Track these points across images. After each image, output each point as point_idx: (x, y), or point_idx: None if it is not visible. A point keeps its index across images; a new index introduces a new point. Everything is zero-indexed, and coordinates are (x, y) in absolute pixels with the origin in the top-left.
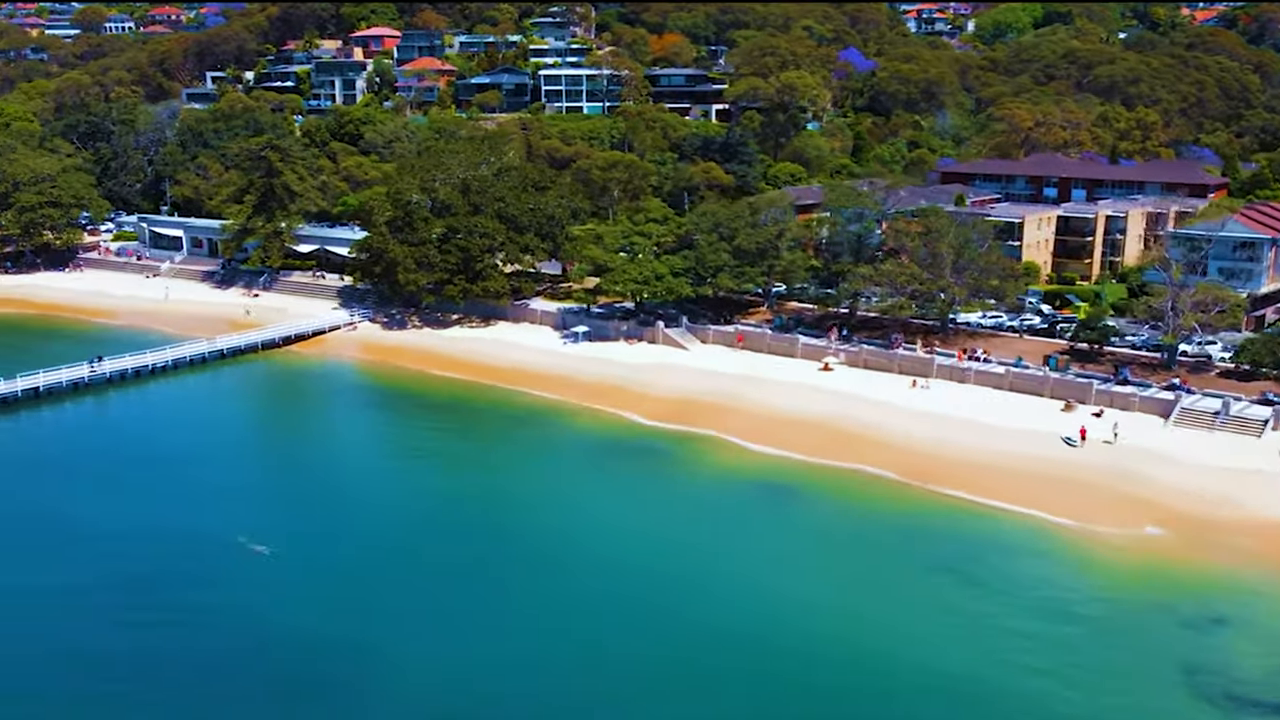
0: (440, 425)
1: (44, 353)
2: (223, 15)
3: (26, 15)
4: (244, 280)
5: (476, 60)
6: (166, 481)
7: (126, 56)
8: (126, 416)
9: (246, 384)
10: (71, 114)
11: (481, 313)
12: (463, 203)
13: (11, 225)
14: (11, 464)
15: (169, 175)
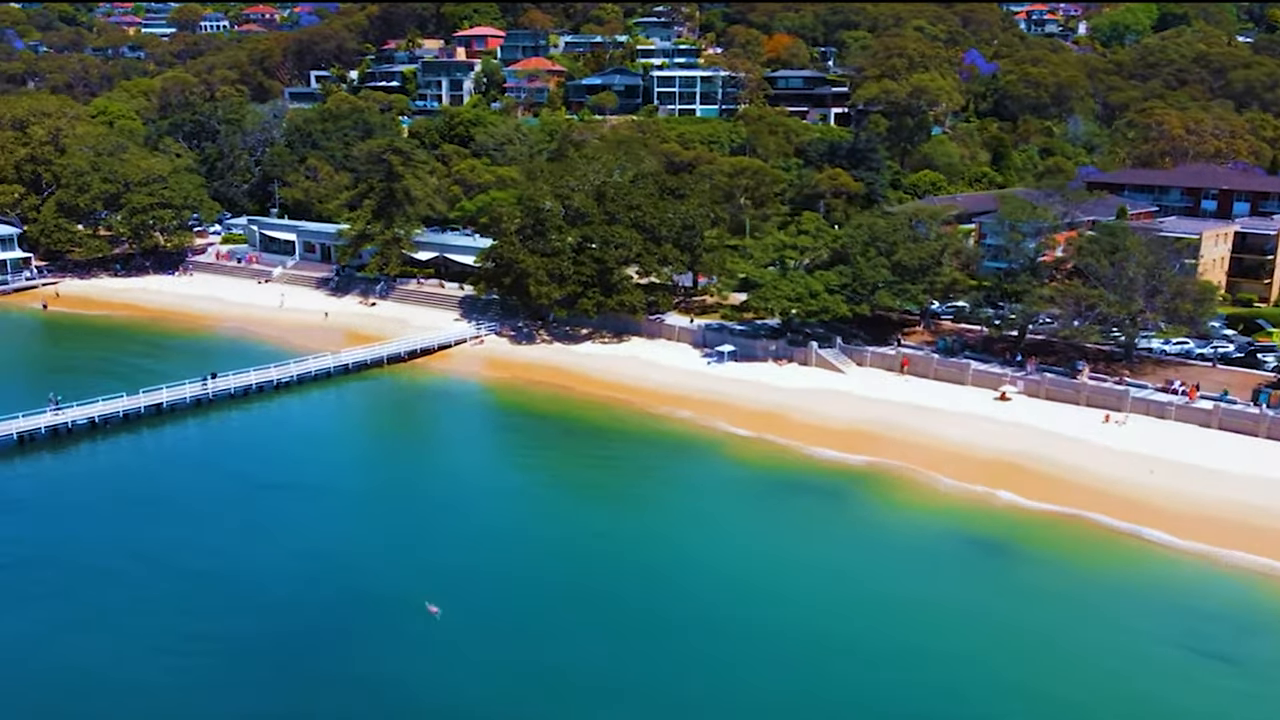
0: (589, 454)
1: (159, 362)
2: (316, 15)
3: (124, 14)
4: (360, 287)
5: (583, 61)
6: (307, 516)
7: (227, 55)
8: (254, 438)
9: (374, 402)
10: (177, 113)
11: (614, 327)
12: (598, 211)
13: (122, 227)
14: (142, 495)
15: (277, 177)
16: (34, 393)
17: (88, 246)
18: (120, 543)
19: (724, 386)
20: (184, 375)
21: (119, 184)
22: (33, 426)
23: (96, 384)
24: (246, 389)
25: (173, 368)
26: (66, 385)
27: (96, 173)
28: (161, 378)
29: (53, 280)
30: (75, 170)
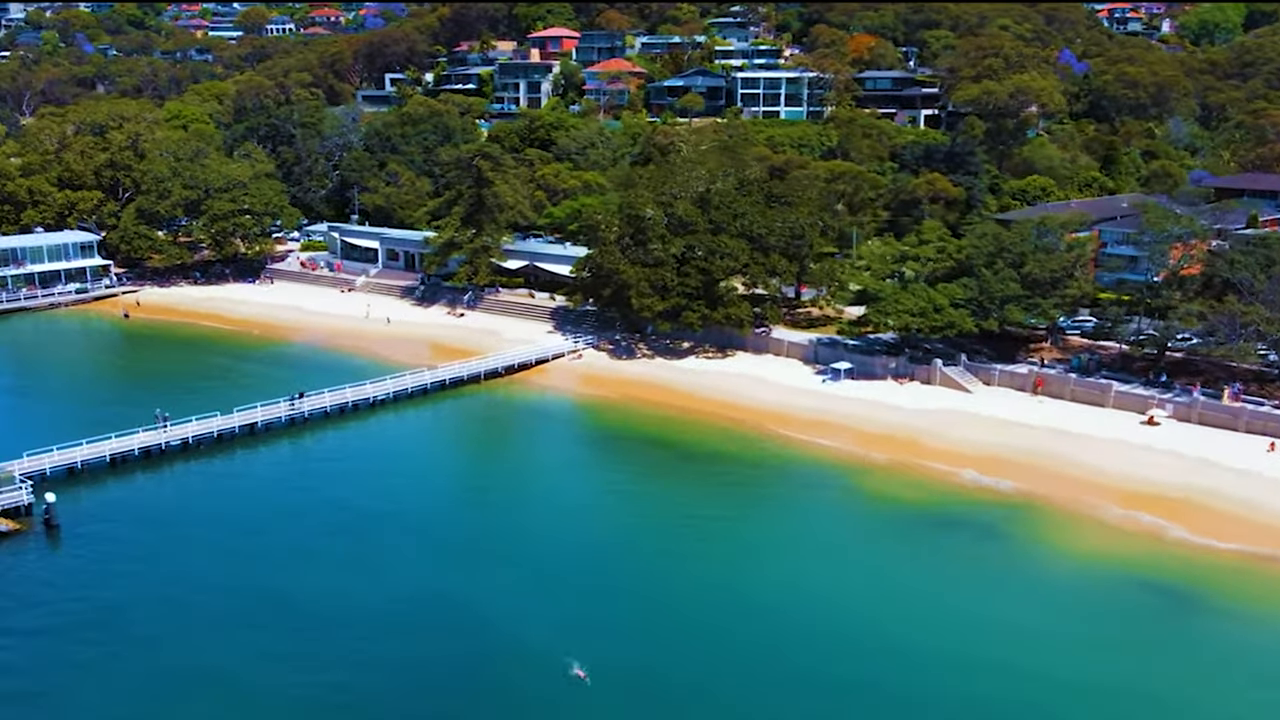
0: (708, 482)
1: (246, 376)
2: (381, 17)
3: (191, 17)
4: (447, 297)
5: (661, 62)
6: (415, 552)
7: (297, 58)
8: (353, 461)
9: (474, 422)
10: (252, 116)
11: (717, 341)
12: (702, 219)
13: (203, 234)
14: (241, 524)
15: (356, 182)
16: (121, 407)
17: (168, 254)
18: (224, 582)
19: (843, 406)
20: (272, 389)
21: (200, 190)
22: (125, 448)
23: (184, 399)
24: (342, 407)
25: (261, 382)
26: (154, 400)
27: (177, 178)
28: (250, 392)
29: (133, 288)
30: (156, 176)
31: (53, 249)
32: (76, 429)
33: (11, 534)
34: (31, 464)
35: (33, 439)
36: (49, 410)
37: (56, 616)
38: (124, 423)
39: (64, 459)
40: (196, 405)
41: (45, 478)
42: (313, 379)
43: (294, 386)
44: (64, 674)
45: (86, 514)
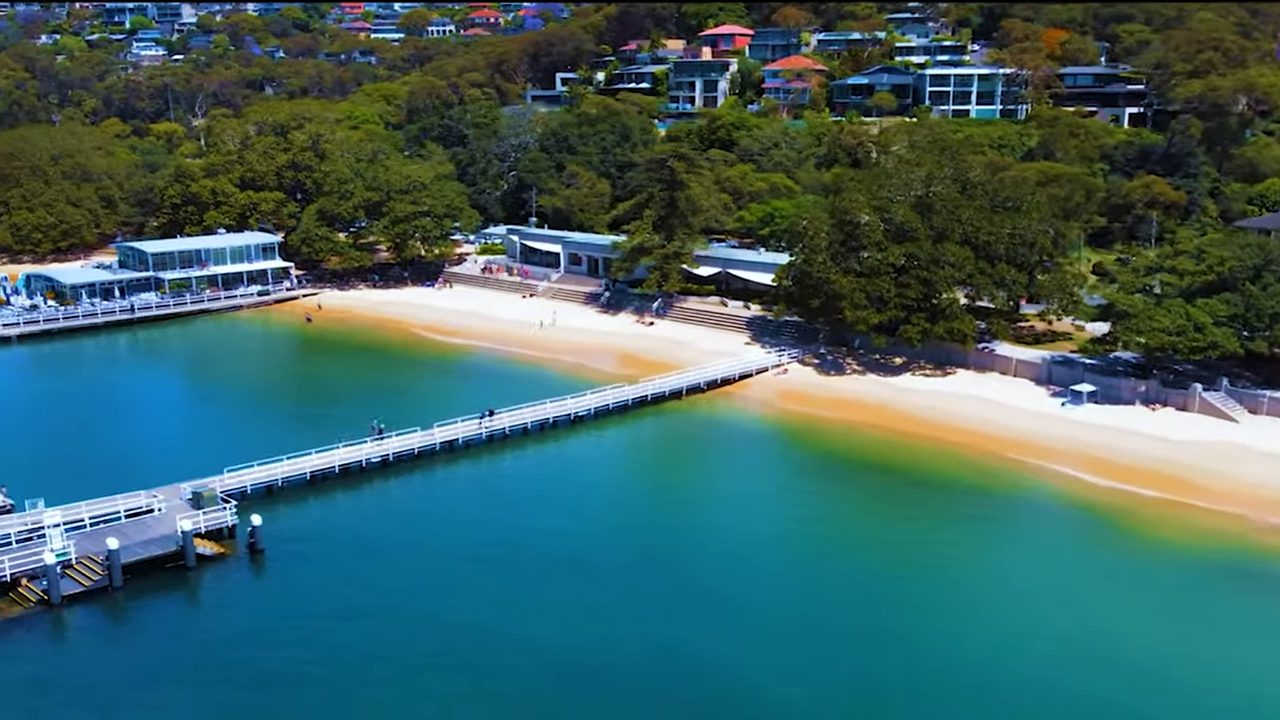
0: (944, 517)
1: (435, 387)
2: (540, 18)
3: (354, 19)
4: (634, 305)
5: (840, 59)
6: (644, 595)
7: (464, 59)
8: (560, 486)
9: (679, 442)
10: (424, 117)
11: (934, 358)
12: (923, 225)
13: (384, 236)
14: (452, 550)
15: (534, 183)
16: (310, 418)
17: (348, 256)
18: (435, 616)
19: (1090, 434)
20: (462, 401)
21: (381, 191)
22: (326, 464)
23: (374, 411)
24: (542, 423)
25: (449, 393)
26: (346, 411)
27: (359, 179)
28: (439, 404)
29: (312, 291)
30: (338, 177)
31: (235, 250)
32: (268, 441)
33: (215, 558)
34: (233, 481)
35: (225, 451)
36: (238, 420)
37: (268, 651)
38: (314, 434)
39: (265, 475)
40: (388, 418)
41: (246, 495)
42: (502, 391)
43: (483, 398)
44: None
45: (288, 536)
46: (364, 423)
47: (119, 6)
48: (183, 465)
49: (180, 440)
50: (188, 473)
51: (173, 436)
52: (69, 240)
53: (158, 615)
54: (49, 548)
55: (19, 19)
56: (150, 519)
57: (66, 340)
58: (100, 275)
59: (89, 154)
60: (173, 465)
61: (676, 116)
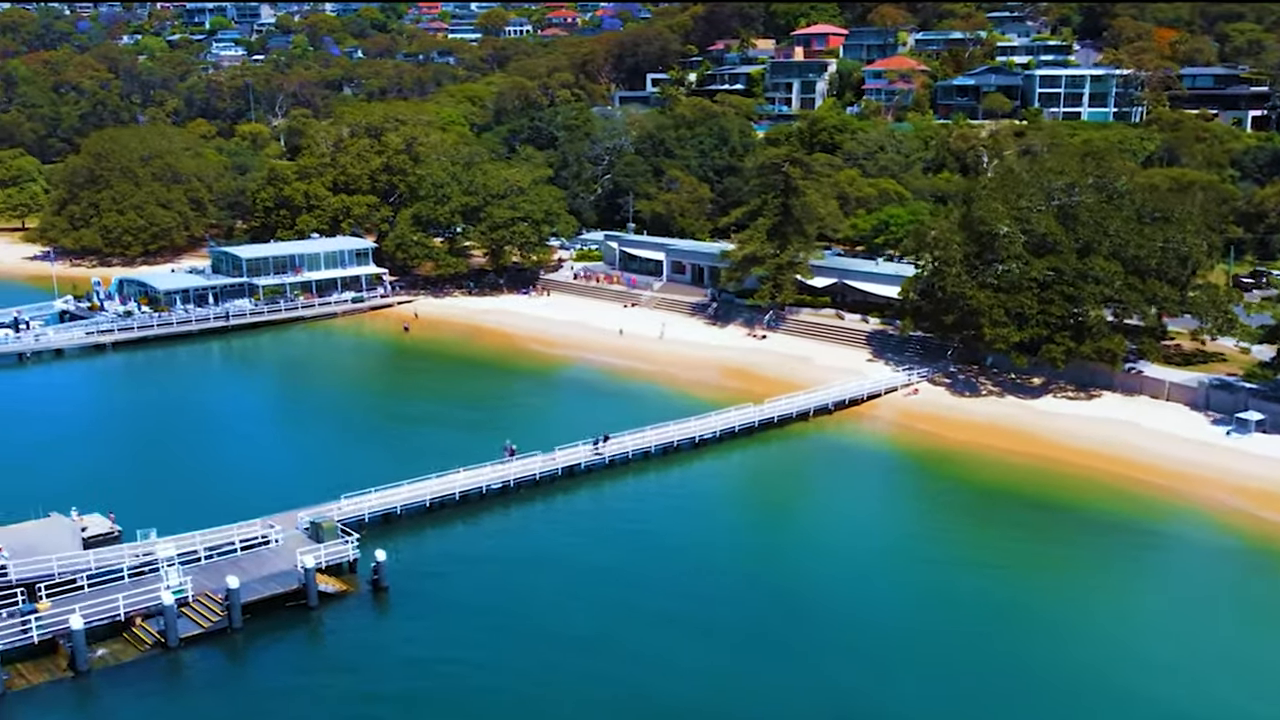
0: (1115, 562)
1: (544, 405)
2: (618, 18)
3: (431, 20)
4: (743, 316)
5: (940, 59)
6: (808, 653)
7: (547, 59)
8: (696, 521)
9: (812, 469)
10: (513, 119)
11: (1077, 379)
12: (1068, 238)
13: (481, 242)
14: (591, 596)
15: (630, 188)
16: (416, 437)
17: (445, 263)
18: (581, 670)
19: (1259, 466)
20: (573, 419)
21: (479, 196)
22: (445, 490)
23: (481, 432)
24: (668, 446)
25: (559, 411)
26: (451, 431)
27: (456, 184)
28: (550, 423)
29: (407, 298)
30: (434, 181)
31: (329, 256)
32: (374, 462)
33: (337, 596)
34: (350, 508)
35: (331, 473)
36: (340, 437)
37: (398, 707)
38: (421, 455)
39: (383, 502)
40: (496, 437)
41: (364, 523)
42: (614, 408)
43: (594, 415)
44: None
45: (411, 570)
46: (472, 442)
47: (199, 7)
48: (290, 488)
49: (284, 459)
50: (296, 496)
51: (276, 455)
52: (158, 243)
53: (280, 662)
54: (165, 585)
55: (102, 20)
56: (267, 552)
57: (160, 348)
58: (194, 281)
59: (178, 155)
60: (279, 488)
61: (774, 119)
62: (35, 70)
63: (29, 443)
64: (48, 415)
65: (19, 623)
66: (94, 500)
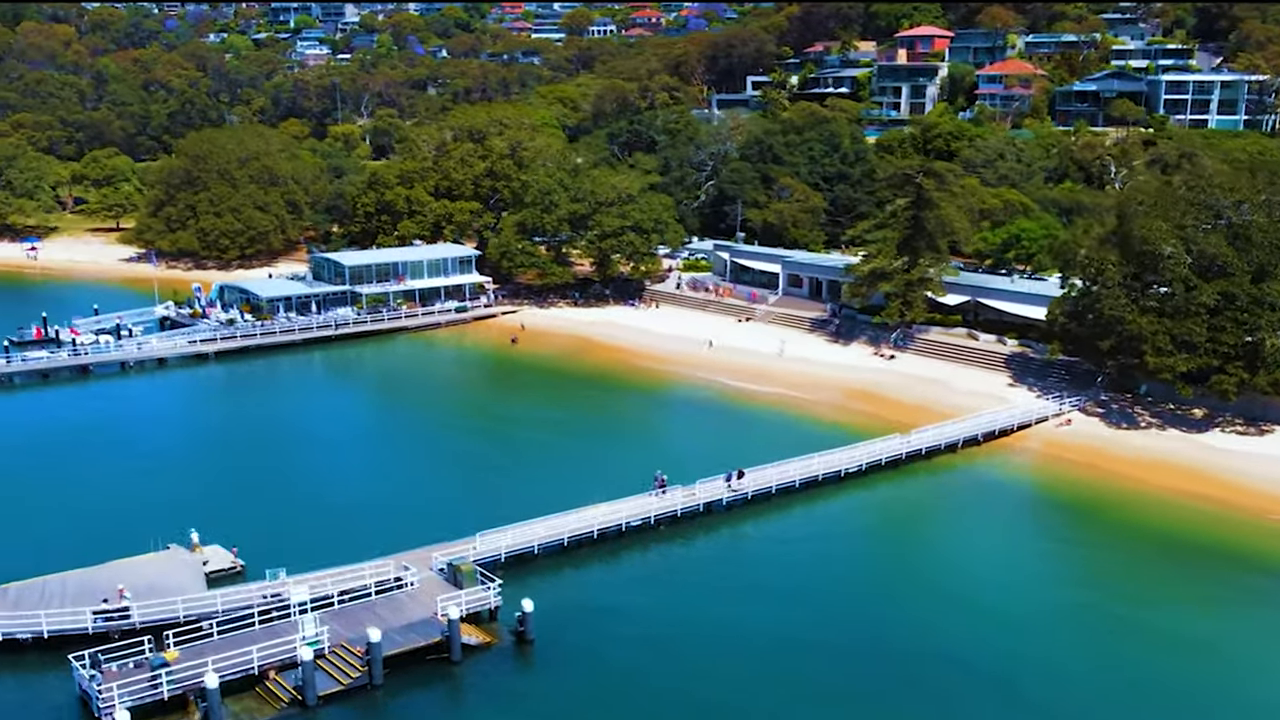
0: None
1: (674, 431)
2: (703, 18)
3: (514, 19)
4: (867, 334)
5: (1052, 63)
6: None
7: (636, 60)
8: (850, 566)
9: (971, 512)
10: (613, 121)
11: (1245, 412)
12: (1240, 260)
13: (588, 251)
14: (757, 652)
15: (737, 195)
16: (544, 466)
17: (551, 273)
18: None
19: None
20: (703, 444)
21: (587, 203)
22: (584, 528)
23: (608, 457)
24: (809, 482)
25: (688, 436)
26: (575, 458)
27: (564, 190)
28: (681, 450)
29: (511, 308)
30: (542, 188)
31: (432, 264)
32: (499, 490)
33: (480, 648)
34: (485, 546)
35: (454, 502)
36: (460, 462)
37: None
38: (545, 482)
39: (519, 541)
40: (620, 464)
41: (500, 563)
42: (742, 434)
43: (722, 441)
44: None
45: (553, 620)
46: (596, 469)
47: (284, 5)
48: (410, 517)
49: (400, 485)
50: (419, 527)
51: (391, 479)
52: (255, 246)
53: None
54: (301, 635)
55: (188, 18)
56: (404, 597)
57: (262, 358)
58: (296, 288)
59: (275, 157)
60: (398, 517)
61: (882, 124)
62: (125, 68)
63: (135, 461)
64: (152, 430)
65: (148, 677)
66: (207, 528)
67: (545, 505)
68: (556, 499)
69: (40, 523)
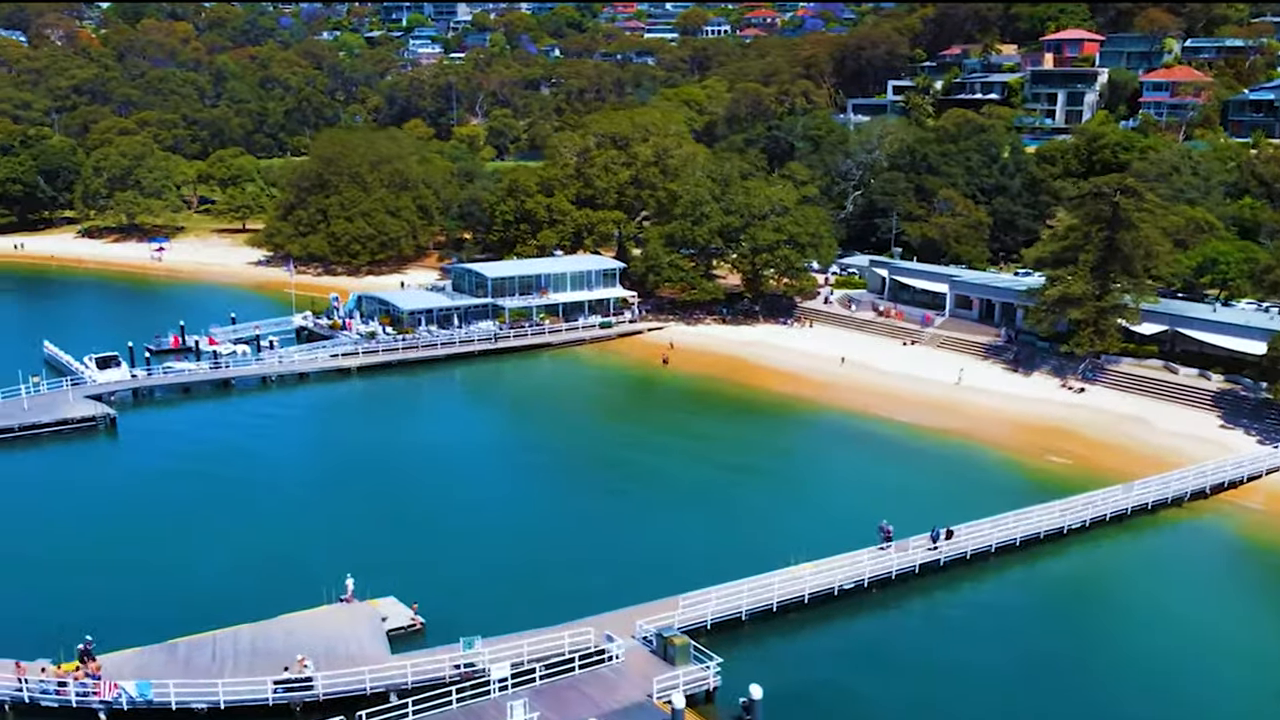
0: None
1: (855, 472)
2: (819, 18)
3: (626, 19)
4: (1049, 364)
5: (1215, 69)
6: None
7: (757, 62)
8: (1102, 650)
9: (1218, 582)
10: (750, 126)
11: None
12: None
13: (741, 266)
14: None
15: (889, 207)
16: (726, 514)
17: (700, 288)
18: None
19: None
20: (892, 486)
21: (741, 216)
22: (793, 593)
23: (800, 502)
24: (1033, 538)
25: (872, 478)
26: (759, 506)
27: (717, 202)
28: (865, 493)
29: (656, 324)
30: (693, 199)
31: (576, 276)
32: (684, 543)
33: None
34: (690, 611)
35: (633, 550)
36: (631, 501)
37: None
38: (732, 537)
39: (726, 605)
40: (807, 511)
41: (705, 630)
42: (936, 478)
43: (914, 483)
44: None
45: (777, 704)
46: (782, 516)
47: (396, 4)
48: (592, 569)
49: (573, 530)
50: (604, 581)
51: (562, 523)
52: (386, 252)
53: None
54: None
55: (302, 16)
56: (610, 673)
57: (403, 374)
58: (438, 300)
59: (407, 161)
60: (579, 568)
61: (1036, 132)
62: (242, 65)
63: (289, 490)
64: (302, 455)
65: None
66: (375, 574)
67: (732, 558)
68: (742, 551)
69: (200, 562)
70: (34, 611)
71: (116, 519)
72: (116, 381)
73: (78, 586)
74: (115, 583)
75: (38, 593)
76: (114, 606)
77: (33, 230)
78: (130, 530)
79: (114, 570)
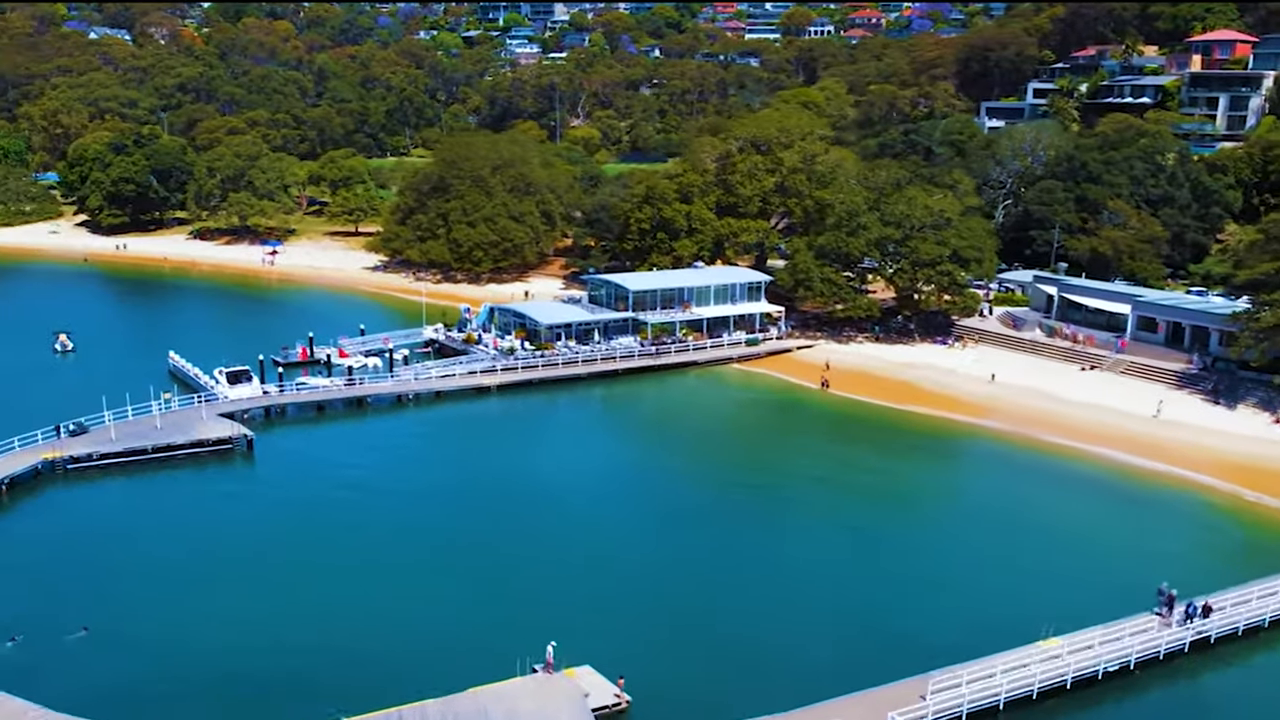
0: None
1: (1065, 526)
2: (928, 18)
3: (726, 19)
4: (1255, 395)
5: None
6: None
7: (868, 64)
8: None
9: None
10: (887, 129)
11: None
12: None
13: (901, 281)
14: None
15: (1048, 219)
16: (928, 569)
17: (856, 304)
18: None
19: None
20: (1102, 545)
21: (901, 228)
22: (1054, 673)
23: (1019, 564)
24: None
25: (1083, 534)
26: (962, 561)
27: (874, 212)
28: (1079, 556)
29: (805, 342)
30: (849, 209)
31: (719, 289)
32: (906, 610)
33: None
34: (944, 697)
35: (855, 625)
36: (826, 553)
37: None
38: (950, 604)
39: (981, 689)
40: (1032, 571)
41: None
42: (1161, 533)
43: (1129, 541)
44: None
45: None
46: (1006, 581)
47: (493, 4)
48: (799, 639)
49: (762, 589)
50: (827, 656)
51: (747, 582)
52: (509, 259)
53: None
54: None
55: (400, 15)
56: None
57: (541, 393)
58: (578, 314)
59: (531, 164)
60: (788, 631)
61: (1208, 140)
62: (343, 64)
63: (445, 531)
64: (456, 489)
65: None
66: (556, 634)
67: (955, 624)
68: (966, 616)
69: (368, 619)
70: (202, 684)
71: (267, 569)
72: (249, 398)
73: (236, 658)
74: (280, 655)
75: (202, 663)
76: (280, 680)
77: (144, 231)
78: (285, 582)
79: (276, 636)
